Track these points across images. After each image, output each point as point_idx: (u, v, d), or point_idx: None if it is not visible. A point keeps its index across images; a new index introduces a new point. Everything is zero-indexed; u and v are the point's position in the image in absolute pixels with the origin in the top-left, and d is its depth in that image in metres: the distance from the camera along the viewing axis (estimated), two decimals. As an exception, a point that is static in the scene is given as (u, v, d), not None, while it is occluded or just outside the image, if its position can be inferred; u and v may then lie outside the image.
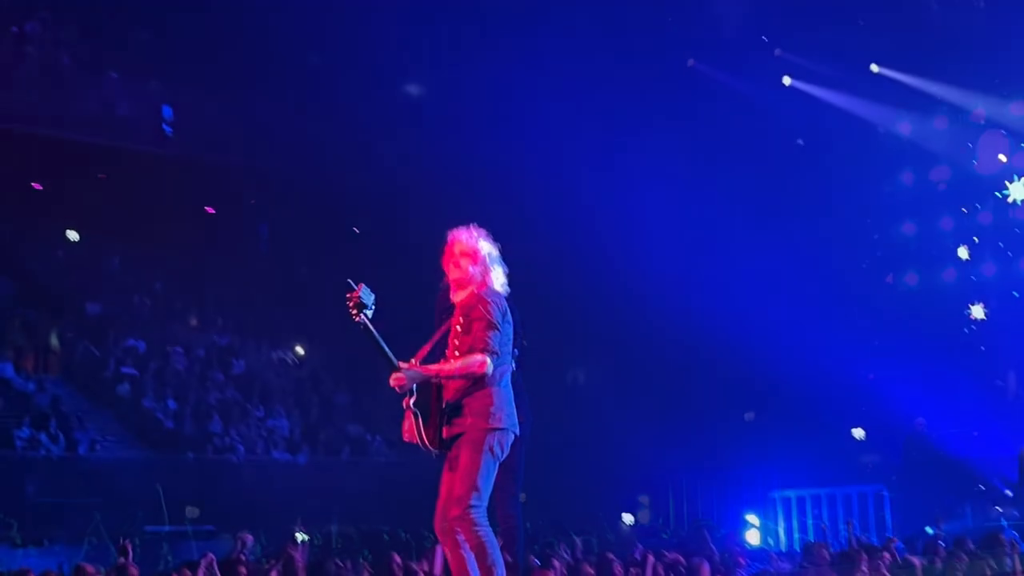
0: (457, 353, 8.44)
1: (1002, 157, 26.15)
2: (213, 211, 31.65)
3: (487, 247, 8.67)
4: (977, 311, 26.44)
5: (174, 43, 29.84)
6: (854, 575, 14.75)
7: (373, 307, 8.28)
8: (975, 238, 26.82)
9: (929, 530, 21.44)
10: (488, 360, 8.28)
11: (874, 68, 26.93)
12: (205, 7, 28.40)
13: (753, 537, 26.69)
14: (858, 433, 28.00)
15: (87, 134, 29.08)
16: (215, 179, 30.33)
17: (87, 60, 30.19)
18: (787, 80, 27.76)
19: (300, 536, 17.35)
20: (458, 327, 8.51)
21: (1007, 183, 26.05)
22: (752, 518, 27.35)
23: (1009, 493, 25.31)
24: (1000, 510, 25.22)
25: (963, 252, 26.86)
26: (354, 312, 8.24)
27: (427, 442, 8.38)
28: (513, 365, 8.71)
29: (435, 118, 28.89)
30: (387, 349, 8.30)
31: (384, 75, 29.05)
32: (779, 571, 16.35)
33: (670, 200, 26.54)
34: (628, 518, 27.94)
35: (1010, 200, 26.03)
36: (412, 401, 8.37)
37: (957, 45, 25.38)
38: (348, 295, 8.26)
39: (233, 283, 31.96)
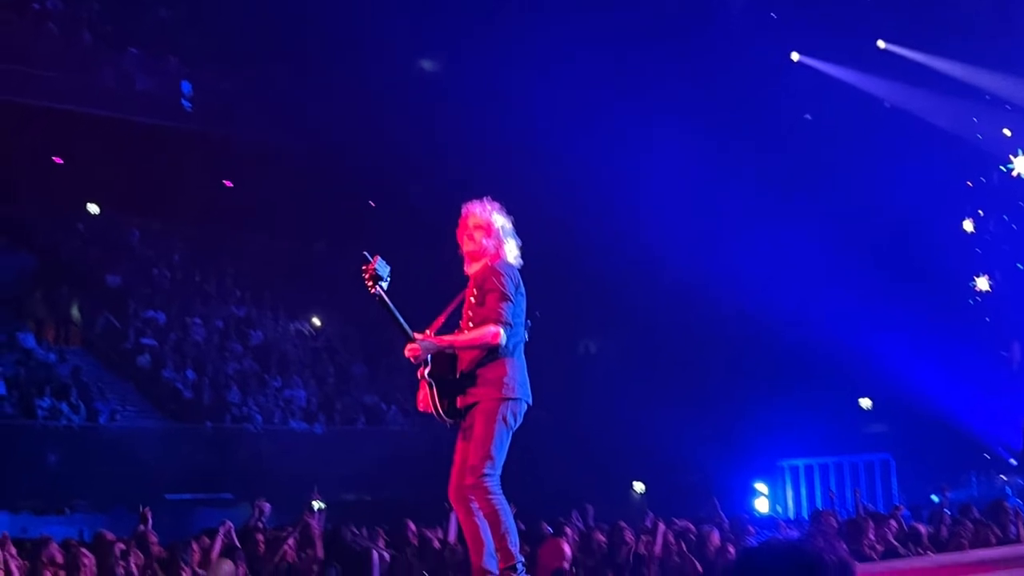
0: (471, 324, 8.44)
1: (1006, 131, 26.30)
2: (231, 185, 31.85)
3: (500, 220, 8.62)
4: (982, 283, 26.54)
5: (192, 20, 30.08)
6: (861, 542, 14.87)
7: (388, 279, 8.31)
8: (980, 211, 26.95)
9: (935, 498, 21.68)
10: (501, 331, 8.26)
11: (881, 44, 27.06)
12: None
13: (762, 505, 26.95)
14: (865, 403, 28.19)
15: (107, 109, 29.27)
16: (232, 153, 30.51)
17: (107, 36, 30.40)
18: (795, 56, 27.93)
19: (317, 504, 17.47)
20: (472, 299, 8.50)
21: (1011, 156, 26.17)
22: (761, 486, 27.61)
23: (1013, 462, 25.55)
24: (1005, 479, 25.47)
25: (968, 225, 26.97)
26: (370, 284, 8.29)
27: (442, 412, 8.43)
28: (526, 336, 8.65)
29: (449, 92, 28.96)
30: (402, 320, 8.36)
31: (399, 51, 29.16)
32: (787, 539, 16.50)
33: (682, 174, 26.59)
34: (639, 487, 28.19)
35: (1014, 174, 26.14)
36: (427, 371, 8.42)
37: (963, 21, 25.47)
38: (364, 267, 8.31)
39: (250, 256, 32.25)
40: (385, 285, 8.31)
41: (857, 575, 3.24)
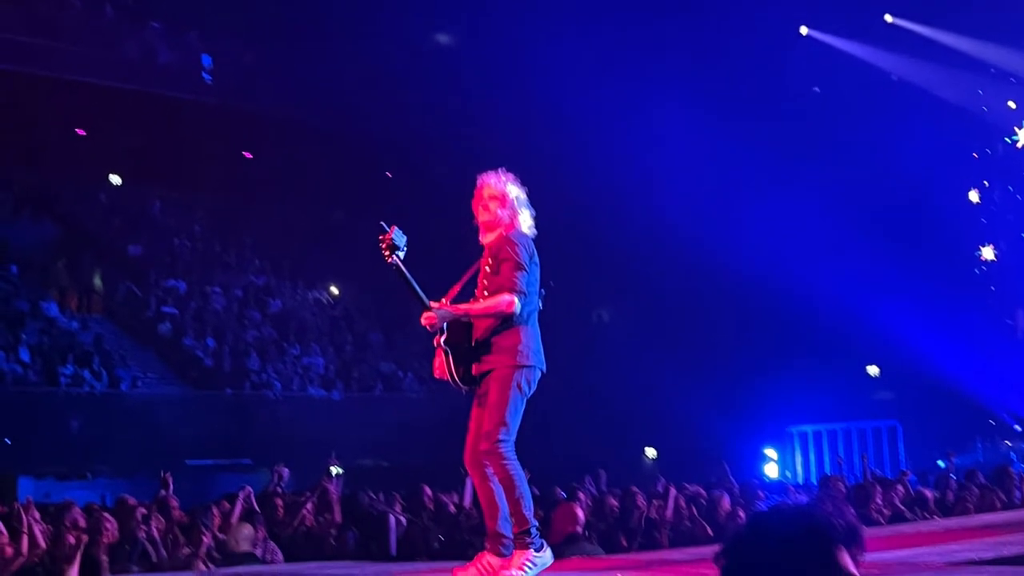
0: (486, 293, 8.42)
1: (1011, 104, 26.41)
2: (250, 156, 32.05)
3: (515, 190, 8.56)
4: (987, 252, 26.67)
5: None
6: (868, 507, 15.05)
7: (405, 248, 8.34)
8: (985, 182, 27.08)
9: (941, 464, 21.91)
10: (516, 300, 8.23)
11: (888, 18, 27.18)
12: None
13: (771, 470, 27.14)
14: (873, 370, 28.35)
15: (129, 82, 29.46)
16: (252, 125, 30.70)
17: (129, 10, 30.59)
18: (804, 30, 28.07)
19: (335, 469, 17.58)
20: (487, 268, 8.48)
21: (1016, 128, 26.29)
22: (771, 452, 27.80)
23: (1018, 428, 25.74)
24: (1010, 444, 25.68)
25: (973, 195, 27.10)
26: (387, 253, 8.31)
27: (457, 379, 8.44)
28: (540, 305, 8.64)
29: (465, 65, 29.04)
30: (418, 289, 8.40)
31: (416, 24, 29.27)
32: (796, 503, 16.64)
33: (693, 145, 26.65)
34: (651, 452, 28.39)
35: (1019, 146, 26.26)
36: (443, 339, 8.44)
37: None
38: (381, 237, 8.34)
39: (270, 226, 32.44)
40: (402, 255, 8.34)
41: (865, 539, 3.48)
